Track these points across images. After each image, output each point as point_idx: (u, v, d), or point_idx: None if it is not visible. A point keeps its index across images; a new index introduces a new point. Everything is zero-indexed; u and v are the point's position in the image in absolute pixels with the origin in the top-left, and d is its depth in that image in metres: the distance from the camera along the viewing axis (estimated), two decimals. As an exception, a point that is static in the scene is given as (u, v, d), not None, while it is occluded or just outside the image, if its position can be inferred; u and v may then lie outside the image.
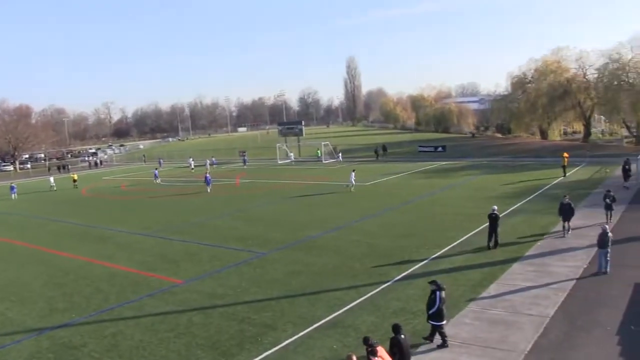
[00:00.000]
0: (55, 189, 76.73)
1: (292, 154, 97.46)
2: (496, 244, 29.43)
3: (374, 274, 26.12)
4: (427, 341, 18.03)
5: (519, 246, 29.38)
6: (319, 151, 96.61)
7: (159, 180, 77.57)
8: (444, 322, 18.05)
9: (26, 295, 26.80)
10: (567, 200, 31.12)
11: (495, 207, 30.48)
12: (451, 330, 18.77)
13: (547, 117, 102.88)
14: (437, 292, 17.97)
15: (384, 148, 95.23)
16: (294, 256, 30.57)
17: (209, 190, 61.25)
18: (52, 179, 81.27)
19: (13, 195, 70.43)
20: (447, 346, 17.73)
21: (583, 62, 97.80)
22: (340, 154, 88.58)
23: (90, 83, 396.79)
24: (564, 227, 31.04)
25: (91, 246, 36.96)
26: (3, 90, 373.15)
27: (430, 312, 17.97)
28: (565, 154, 57.97)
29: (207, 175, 64.55)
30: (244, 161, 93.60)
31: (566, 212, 30.77)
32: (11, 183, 76.76)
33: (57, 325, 22.31)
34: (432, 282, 18.51)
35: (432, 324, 18.05)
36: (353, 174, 56.67)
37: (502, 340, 17.75)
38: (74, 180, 79.12)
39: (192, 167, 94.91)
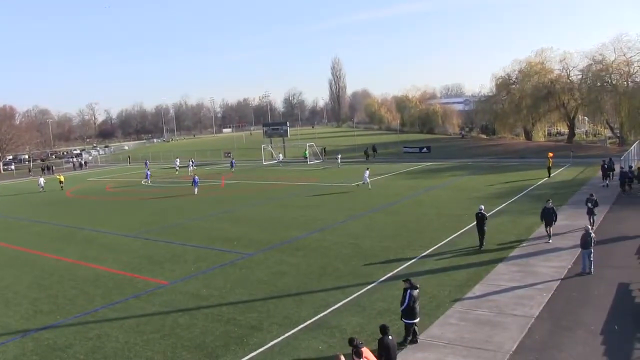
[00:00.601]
0: (44, 190, 75.36)
1: (280, 155, 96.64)
2: (481, 245, 29.68)
3: (359, 274, 26.16)
4: (412, 344, 18.08)
5: (503, 247, 29.52)
6: (306, 152, 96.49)
7: (149, 181, 76.91)
8: (416, 320, 18.16)
9: (10, 297, 26.60)
10: (550, 204, 30.34)
11: (482, 207, 30.65)
12: (436, 331, 18.89)
13: (531, 118, 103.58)
14: (409, 290, 18.15)
15: (374, 149, 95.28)
16: (280, 257, 30.56)
17: (195, 192, 60.40)
18: (42, 180, 79.33)
19: None
20: (416, 342, 18.07)
21: (567, 63, 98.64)
22: (339, 156, 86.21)
23: (75, 84, 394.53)
24: (547, 232, 30.36)
25: (76, 248, 36.73)
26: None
27: (401, 309, 18.21)
28: (550, 154, 58.33)
29: (195, 176, 63.40)
30: (232, 164, 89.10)
31: (548, 217, 30.09)
32: None
33: (42, 327, 22.16)
34: (406, 280, 18.77)
35: (404, 322, 18.22)
36: (367, 172, 57.21)
37: (487, 341, 17.82)
38: (60, 182, 77.87)
39: (177, 168, 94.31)
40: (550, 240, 29.70)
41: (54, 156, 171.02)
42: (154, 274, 28.96)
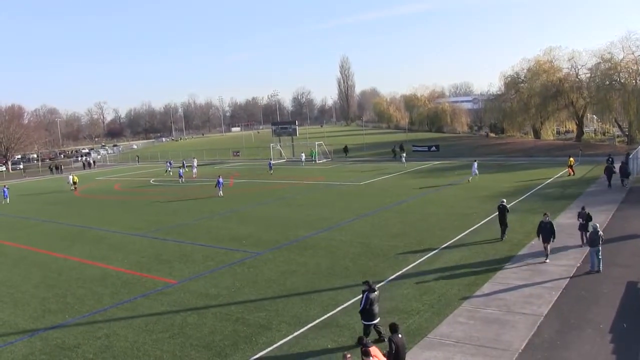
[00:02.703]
0: (73, 189, 74.57)
1: (303, 155, 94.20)
2: (502, 235, 31.01)
3: (368, 273, 26.07)
4: (378, 342, 18.13)
5: (512, 245, 29.47)
6: (312, 151, 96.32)
7: (183, 180, 74.72)
8: (374, 322, 18.44)
9: (19, 297, 26.69)
10: (547, 219, 26.92)
11: (504, 200, 32.14)
12: (445, 330, 18.88)
13: (540, 116, 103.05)
14: (366, 293, 18.37)
15: (402, 147, 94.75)
16: (288, 256, 30.61)
17: (220, 194, 57.13)
18: (70, 177, 77.54)
19: (6, 200, 66.77)
20: (383, 340, 17.97)
21: (575, 61, 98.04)
22: (404, 155, 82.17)
23: (83, 83, 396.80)
24: (545, 249, 26.81)
25: (85, 247, 36.83)
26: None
27: (359, 310, 18.56)
28: (571, 159, 57.89)
29: (220, 177, 59.52)
30: (270, 165, 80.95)
31: (546, 233, 26.60)
32: (4, 185, 72.51)
33: (50, 327, 22.24)
34: (365, 282, 18.96)
35: (362, 323, 18.57)
36: (475, 164, 57.94)
37: (496, 339, 17.79)
38: (74, 182, 75.48)
39: (171, 168, 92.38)
40: (547, 260, 26.26)
41: (62, 155, 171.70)
42: (163, 273, 29.03)
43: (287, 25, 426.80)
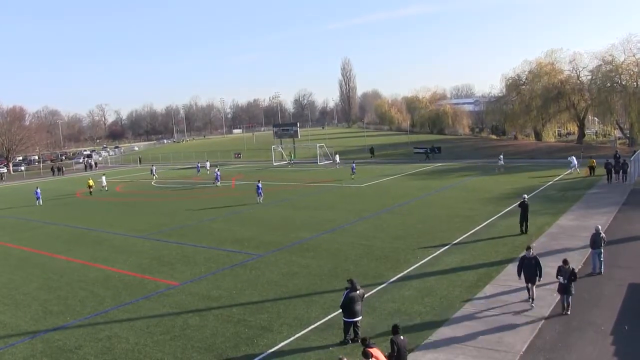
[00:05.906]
0: (107, 189, 74.32)
1: (337, 157, 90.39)
2: (526, 230, 32.56)
3: (369, 275, 26.13)
4: (354, 342, 18.50)
5: (513, 247, 29.44)
6: (291, 154, 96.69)
7: (219, 183, 70.74)
8: (354, 320, 18.66)
9: (20, 299, 26.69)
10: (531, 253, 21.77)
11: (525, 196, 33.78)
12: (447, 332, 18.86)
13: (541, 118, 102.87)
14: (347, 291, 18.77)
15: (432, 149, 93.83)
16: (290, 258, 30.58)
17: (260, 201, 52.49)
18: (104, 179, 77.01)
19: (39, 201, 63.90)
20: (347, 343, 18.58)
21: (576, 64, 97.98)
22: (502, 157, 71.69)
23: (85, 85, 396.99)
24: (528, 290, 21.53)
25: (86, 249, 36.80)
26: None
27: (340, 305, 19.03)
28: (592, 161, 58.03)
29: (259, 183, 54.91)
30: (352, 169, 69.83)
31: (530, 271, 21.27)
32: (36, 187, 69.27)
33: (52, 328, 22.23)
34: (349, 281, 19.33)
35: (343, 320, 18.84)
36: (574, 159, 59.86)
37: (497, 341, 17.78)
38: (89, 186, 72.71)
39: (155, 174, 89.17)
40: (533, 305, 20.96)
41: (63, 157, 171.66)
42: (164, 275, 29.03)
43: (289, 27, 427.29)
